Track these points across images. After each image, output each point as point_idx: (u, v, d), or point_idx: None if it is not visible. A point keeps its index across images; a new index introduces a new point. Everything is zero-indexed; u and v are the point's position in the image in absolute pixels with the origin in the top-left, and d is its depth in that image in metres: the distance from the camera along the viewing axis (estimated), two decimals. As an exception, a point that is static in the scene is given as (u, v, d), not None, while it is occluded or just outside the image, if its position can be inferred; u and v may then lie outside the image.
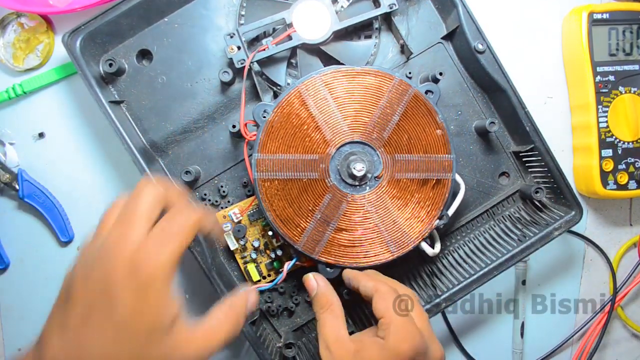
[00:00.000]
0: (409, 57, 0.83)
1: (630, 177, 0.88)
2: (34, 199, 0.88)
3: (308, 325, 0.84)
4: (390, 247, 0.74)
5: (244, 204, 0.80)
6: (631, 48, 0.89)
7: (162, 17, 0.82)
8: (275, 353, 0.79)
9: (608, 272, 0.96)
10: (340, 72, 0.72)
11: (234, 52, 0.76)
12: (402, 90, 0.73)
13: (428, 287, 0.82)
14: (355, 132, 0.73)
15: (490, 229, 0.85)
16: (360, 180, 0.73)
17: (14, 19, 0.89)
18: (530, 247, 0.80)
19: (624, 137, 0.88)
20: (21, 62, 0.88)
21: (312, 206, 0.73)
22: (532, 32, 0.94)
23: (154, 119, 0.82)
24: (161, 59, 0.82)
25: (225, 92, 0.82)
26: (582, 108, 0.90)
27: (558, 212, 0.82)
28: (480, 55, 0.79)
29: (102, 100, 0.76)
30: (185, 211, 0.56)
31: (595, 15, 0.88)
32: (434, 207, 0.74)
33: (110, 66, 0.78)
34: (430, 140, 0.74)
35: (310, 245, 0.73)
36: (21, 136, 0.90)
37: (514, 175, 0.85)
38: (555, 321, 0.96)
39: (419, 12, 0.84)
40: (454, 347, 0.95)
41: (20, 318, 0.92)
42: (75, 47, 0.76)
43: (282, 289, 0.82)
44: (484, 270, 0.80)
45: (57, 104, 0.90)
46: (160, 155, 0.82)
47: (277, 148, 0.72)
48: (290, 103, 0.72)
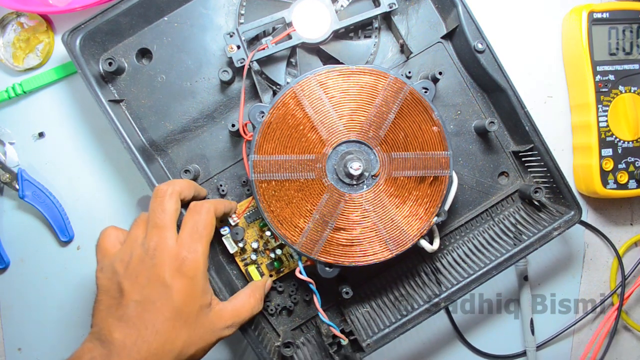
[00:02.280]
0: (408, 56, 0.83)
1: (630, 176, 0.88)
2: (34, 199, 0.88)
3: (307, 324, 0.84)
4: (389, 245, 0.73)
5: (240, 207, 0.80)
6: (631, 47, 0.89)
7: (161, 16, 0.82)
8: (273, 352, 0.79)
9: (608, 271, 0.96)
10: (334, 72, 0.72)
11: (233, 51, 0.76)
12: (397, 88, 0.72)
13: (427, 286, 0.82)
14: (351, 131, 0.72)
15: (489, 228, 0.85)
16: (358, 179, 0.72)
17: (14, 18, 0.89)
18: (529, 247, 0.80)
19: (624, 136, 0.88)
20: (21, 61, 0.89)
21: (310, 206, 0.73)
22: (532, 31, 0.94)
23: (154, 118, 0.82)
24: (161, 58, 0.82)
25: (224, 91, 0.82)
26: (582, 107, 0.90)
27: (557, 212, 0.82)
28: (479, 55, 0.79)
29: (102, 99, 0.76)
30: (202, 207, 0.70)
31: (595, 15, 0.88)
32: (432, 204, 0.74)
33: (110, 65, 0.78)
34: (427, 137, 0.73)
35: (308, 245, 0.73)
36: (21, 136, 0.90)
37: (513, 175, 0.85)
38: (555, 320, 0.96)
39: (418, 11, 0.84)
40: (459, 342, 0.95)
41: (20, 318, 0.92)
42: (75, 46, 0.76)
43: (281, 288, 0.83)
44: (483, 269, 0.80)
45: (57, 103, 0.90)
46: (160, 154, 0.82)
47: (274, 149, 0.72)
48: (285, 104, 0.72)
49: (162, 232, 0.66)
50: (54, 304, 0.92)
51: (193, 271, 0.65)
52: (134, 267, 0.65)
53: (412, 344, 0.94)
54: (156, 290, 0.63)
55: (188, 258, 0.65)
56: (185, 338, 0.64)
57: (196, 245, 0.66)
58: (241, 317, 0.71)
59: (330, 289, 0.80)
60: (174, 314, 0.63)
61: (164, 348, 0.62)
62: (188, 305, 0.64)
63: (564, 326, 0.95)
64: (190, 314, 0.64)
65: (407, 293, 0.82)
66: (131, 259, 0.65)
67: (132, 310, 0.62)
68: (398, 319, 0.80)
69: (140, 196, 0.91)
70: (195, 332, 0.65)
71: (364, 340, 0.79)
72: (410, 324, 0.79)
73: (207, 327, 0.66)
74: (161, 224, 0.66)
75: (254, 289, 0.75)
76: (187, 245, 0.66)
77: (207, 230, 0.68)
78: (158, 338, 0.62)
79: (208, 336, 0.66)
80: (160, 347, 0.62)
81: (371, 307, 0.83)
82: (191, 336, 0.64)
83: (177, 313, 0.63)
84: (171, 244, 0.65)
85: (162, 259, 0.64)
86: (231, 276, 0.83)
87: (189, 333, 0.64)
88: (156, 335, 0.62)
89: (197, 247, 0.66)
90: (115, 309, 0.63)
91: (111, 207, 0.91)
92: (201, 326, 0.66)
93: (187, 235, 0.67)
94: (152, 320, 0.62)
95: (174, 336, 0.63)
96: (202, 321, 0.66)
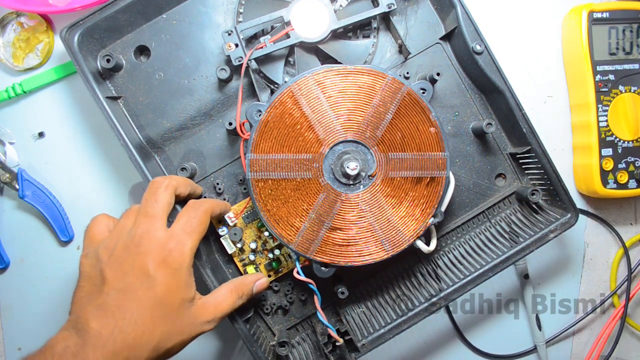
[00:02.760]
0: (407, 57, 0.83)
1: (630, 176, 0.88)
2: (34, 199, 0.88)
3: (302, 324, 0.84)
4: (385, 245, 0.73)
5: (238, 207, 0.81)
6: (631, 47, 0.89)
7: (160, 13, 0.82)
8: (268, 351, 0.79)
9: (608, 271, 0.95)
10: (332, 71, 0.72)
11: (231, 49, 0.76)
12: (395, 89, 0.72)
13: (423, 287, 0.82)
14: (348, 131, 0.72)
15: (486, 230, 0.85)
16: (354, 179, 0.72)
17: (14, 18, 0.90)
18: (526, 249, 0.80)
19: (624, 136, 0.88)
20: (21, 61, 0.89)
21: (306, 206, 0.73)
22: (532, 31, 0.94)
23: (151, 115, 0.82)
24: (159, 55, 0.82)
25: (222, 90, 0.82)
26: (582, 107, 0.90)
27: (554, 214, 0.82)
28: (478, 57, 0.78)
29: (99, 96, 0.76)
30: (200, 205, 0.70)
31: (595, 14, 0.88)
32: (429, 205, 0.73)
33: (108, 62, 0.78)
34: (424, 138, 0.73)
35: (304, 245, 0.73)
36: (21, 136, 0.90)
37: (510, 176, 0.85)
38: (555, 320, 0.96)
39: (417, 12, 0.84)
40: (460, 342, 0.95)
41: (20, 318, 0.92)
42: (73, 42, 0.77)
43: (277, 287, 0.83)
44: (480, 271, 0.80)
45: (57, 103, 0.90)
46: (157, 152, 0.82)
47: (271, 148, 0.72)
48: (283, 103, 0.72)
49: (152, 221, 0.65)
50: (54, 304, 0.92)
51: (178, 264, 0.64)
52: (118, 254, 0.64)
53: (413, 344, 0.94)
54: (138, 279, 0.62)
55: (175, 250, 0.64)
56: (163, 331, 0.62)
57: (186, 239, 0.66)
58: (222, 312, 0.69)
59: (326, 288, 0.80)
60: (155, 305, 0.62)
61: (141, 340, 0.61)
62: (170, 298, 0.63)
63: (565, 326, 0.95)
64: (171, 307, 0.63)
65: (403, 293, 0.82)
66: (116, 247, 0.64)
67: (112, 298, 0.62)
68: (394, 319, 0.80)
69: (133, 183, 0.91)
70: (175, 326, 0.64)
71: (359, 341, 0.79)
72: (405, 325, 0.79)
73: (187, 321, 0.65)
74: (152, 213, 0.66)
75: (238, 285, 0.73)
76: (177, 237, 0.65)
77: (200, 227, 0.68)
78: (136, 329, 0.60)
79: (188, 330, 0.65)
80: (137, 339, 0.60)
81: (367, 308, 0.83)
82: (170, 329, 0.63)
83: (158, 304, 0.62)
84: (160, 234, 0.64)
85: (148, 248, 0.63)
86: (227, 275, 0.82)
87: (169, 326, 0.63)
88: (134, 325, 0.60)
89: (186, 241, 0.65)
90: (95, 297, 0.62)
91: (111, 207, 0.91)
92: (181, 320, 0.64)
93: (179, 228, 0.66)
94: (131, 309, 0.61)
95: (152, 328, 0.62)
96: (182, 315, 0.65)
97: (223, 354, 0.92)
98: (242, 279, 0.75)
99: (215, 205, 0.73)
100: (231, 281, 0.74)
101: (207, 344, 0.91)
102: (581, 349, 0.96)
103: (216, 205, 0.73)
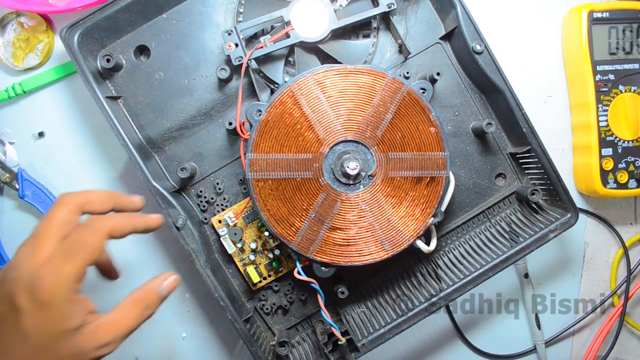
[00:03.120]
0: (407, 56, 0.83)
1: (630, 176, 0.88)
2: (34, 199, 0.88)
3: (302, 323, 0.84)
4: (385, 245, 0.73)
5: (238, 207, 0.81)
6: (631, 47, 0.89)
7: (160, 13, 0.82)
8: (268, 351, 0.79)
9: (608, 271, 0.95)
10: (332, 71, 0.72)
11: (231, 49, 0.77)
12: (395, 89, 0.72)
13: (423, 287, 0.82)
14: (348, 130, 0.72)
15: (486, 230, 0.85)
16: (354, 179, 0.72)
17: (14, 18, 0.89)
18: (526, 249, 0.80)
19: (624, 135, 0.88)
20: (21, 61, 0.89)
21: (306, 205, 0.73)
22: (532, 31, 0.94)
23: (151, 115, 0.82)
24: (159, 55, 0.82)
25: (222, 89, 0.82)
26: (582, 107, 0.90)
27: (554, 214, 0.82)
28: (478, 56, 0.78)
29: (99, 96, 0.77)
30: (94, 224, 0.58)
31: (595, 14, 0.88)
32: (429, 204, 0.74)
33: (108, 62, 0.78)
34: (424, 137, 0.73)
35: (304, 245, 0.73)
36: (21, 135, 0.90)
37: (510, 176, 0.85)
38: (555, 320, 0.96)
39: (417, 12, 0.84)
40: (460, 342, 0.95)
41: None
42: (72, 42, 0.77)
43: (277, 287, 0.83)
44: (480, 270, 0.80)
45: (56, 103, 0.90)
46: (157, 152, 0.82)
47: (271, 148, 0.72)
48: (283, 103, 0.72)
49: (34, 242, 0.57)
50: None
51: (48, 295, 0.54)
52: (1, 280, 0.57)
53: (413, 344, 0.94)
54: (9, 310, 0.54)
55: (45, 280, 0.54)
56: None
57: (63, 266, 0.55)
58: (123, 331, 0.58)
59: (326, 288, 0.79)
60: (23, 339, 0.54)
61: None
62: (41, 332, 0.54)
63: (564, 326, 0.95)
64: (46, 341, 0.55)
65: (403, 293, 0.82)
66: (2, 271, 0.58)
67: None
68: (394, 319, 0.80)
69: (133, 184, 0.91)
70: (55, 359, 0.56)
71: (359, 340, 0.79)
72: (405, 324, 0.79)
73: (70, 352, 0.55)
74: (39, 232, 0.57)
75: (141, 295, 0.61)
76: (52, 264, 0.55)
77: (85, 249, 0.56)
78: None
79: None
80: None
81: (367, 307, 0.83)
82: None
83: (26, 338, 0.54)
84: (35, 260, 0.55)
85: (17, 276, 0.55)
86: (227, 275, 0.83)
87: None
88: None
89: (63, 269, 0.55)
90: None
91: (111, 206, 0.91)
92: (62, 352, 0.55)
93: (58, 252, 0.56)
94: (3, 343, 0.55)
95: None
96: (63, 346, 0.55)
97: (223, 354, 0.92)
98: (144, 286, 0.63)
99: (124, 223, 0.61)
100: (133, 292, 0.62)
101: (207, 344, 0.91)
102: (581, 349, 0.96)
103: (127, 221, 0.62)
